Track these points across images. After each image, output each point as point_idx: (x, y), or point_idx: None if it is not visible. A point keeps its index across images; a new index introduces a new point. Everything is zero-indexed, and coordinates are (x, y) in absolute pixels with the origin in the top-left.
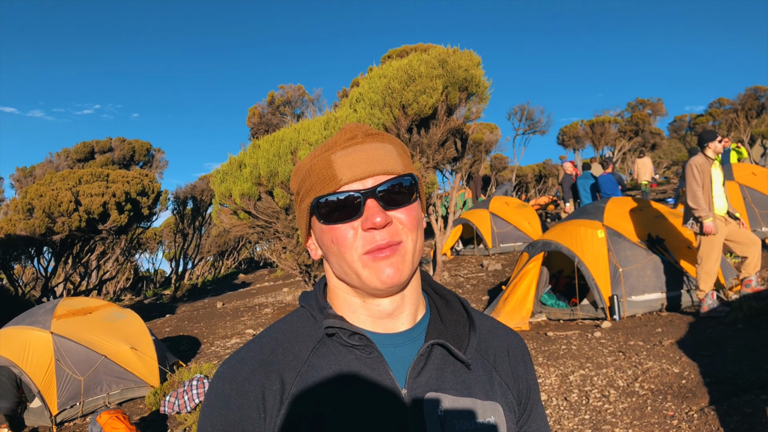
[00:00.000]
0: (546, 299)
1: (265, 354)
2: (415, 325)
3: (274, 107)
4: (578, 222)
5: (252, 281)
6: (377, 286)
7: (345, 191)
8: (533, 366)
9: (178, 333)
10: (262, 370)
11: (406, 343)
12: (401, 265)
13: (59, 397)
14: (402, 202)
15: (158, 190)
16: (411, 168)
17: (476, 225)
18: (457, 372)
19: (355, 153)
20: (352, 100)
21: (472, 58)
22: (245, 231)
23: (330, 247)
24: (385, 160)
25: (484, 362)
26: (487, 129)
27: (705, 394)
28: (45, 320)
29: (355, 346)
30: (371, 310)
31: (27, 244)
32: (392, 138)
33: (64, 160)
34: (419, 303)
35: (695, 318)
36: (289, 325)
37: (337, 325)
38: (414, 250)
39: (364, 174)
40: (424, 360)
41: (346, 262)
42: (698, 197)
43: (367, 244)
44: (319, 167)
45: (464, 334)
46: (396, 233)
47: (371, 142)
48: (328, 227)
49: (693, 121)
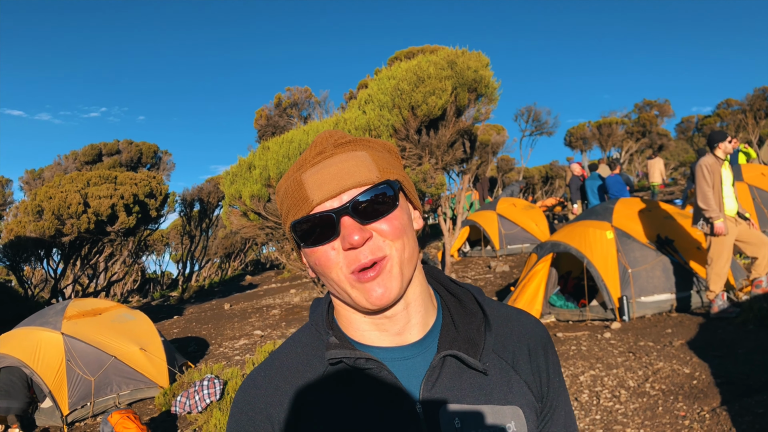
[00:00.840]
0: (555, 300)
1: (278, 379)
2: (426, 334)
3: (281, 109)
4: (587, 223)
5: (259, 283)
6: (367, 306)
7: (318, 212)
8: (555, 353)
9: (186, 334)
10: (275, 397)
11: (418, 355)
12: (389, 282)
13: (70, 397)
14: (382, 212)
15: (166, 192)
16: (390, 172)
17: (483, 227)
18: (473, 379)
19: (324, 169)
20: (361, 102)
21: (481, 59)
22: (255, 232)
23: (316, 268)
24: (357, 171)
25: (501, 363)
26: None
27: (716, 394)
28: (56, 321)
29: (365, 368)
30: (375, 322)
31: (36, 246)
32: (368, 142)
33: (72, 162)
34: (428, 308)
35: (705, 319)
36: (300, 345)
37: (339, 356)
38: (401, 260)
39: (334, 191)
40: (437, 371)
41: (334, 281)
42: (708, 198)
43: (351, 263)
44: (292, 189)
45: (479, 337)
46: (378, 248)
47: (341, 153)
48: (309, 250)
49: (700, 122)
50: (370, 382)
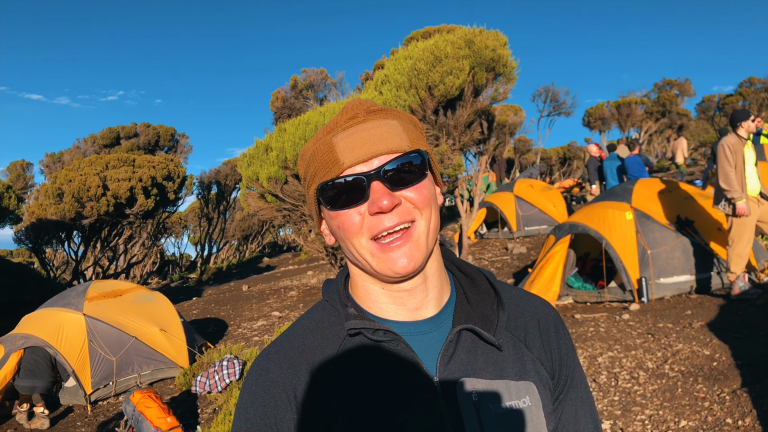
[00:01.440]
0: (573, 282)
1: (293, 353)
2: (441, 309)
3: (297, 91)
4: (606, 204)
5: (276, 265)
6: (390, 275)
7: (348, 175)
8: (567, 333)
9: (205, 315)
10: (291, 370)
11: (434, 330)
12: (415, 252)
13: (93, 376)
14: (411, 180)
15: (183, 175)
16: (420, 143)
17: (500, 208)
18: (488, 354)
19: (357, 133)
20: (378, 83)
21: (499, 38)
22: (272, 214)
23: (338, 233)
24: (389, 138)
25: (514, 340)
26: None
27: (737, 376)
28: (78, 302)
29: (382, 341)
30: (392, 295)
31: (57, 229)
32: (398, 112)
33: (91, 145)
34: (443, 284)
35: (726, 300)
36: (314, 321)
37: (358, 326)
38: (428, 230)
39: (366, 155)
40: (453, 346)
41: (355, 248)
42: (731, 178)
43: (375, 228)
44: (321, 151)
45: (492, 314)
46: (407, 213)
47: (374, 120)
48: (334, 213)
49: (722, 102)
50: (387, 355)
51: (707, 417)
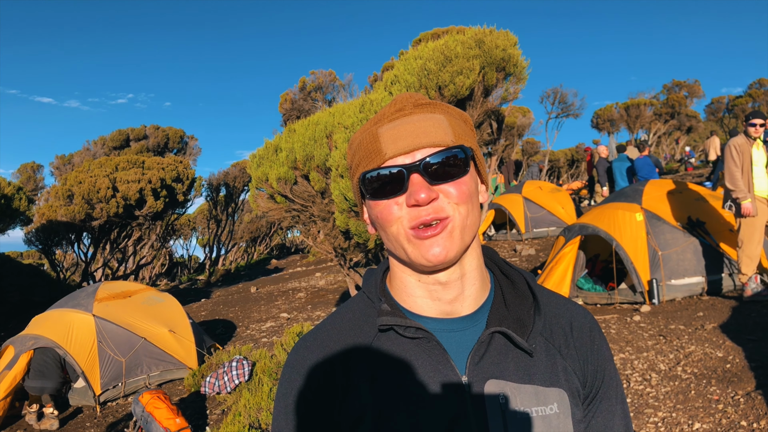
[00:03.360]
0: (583, 283)
1: (330, 343)
2: (477, 309)
3: (306, 93)
4: (616, 205)
5: (285, 266)
6: (423, 263)
7: (390, 166)
8: (605, 342)
9: (213, 317)
10: (326, 359)
11: (467, 329)
12: (448, 243)
13: (102, 377)
14: (452, 175)
15: (192, 177)
16: (466, 139)
17: (509, 210)
18: (519, 359)
19: (401, 125)
20: (387, 83)
21: (509, 38)
22: (281, 215)
23: (377, 222)
24: (433, 132)
25: (548, 346)
26: (520, 112)
27: (751, 378)
28: (87, 303)
29: (414, 337)
30: (428, 288)
31: (67, 230)
32: (447, 107)
33: (100, 147)
34: (483, 284)
35: (738, 302)
36: (351, 312)
37: (390, 323)
38: (464, 225)
39: (408, 147)
40: (485, 347)
41: (393, 235)
42: (736, 178)
43: (412, 219)
44: (366, 141)
45: (528, 319)
46: (441, 209)
47: (420, 113)
48: (374, 202)
49: (731, 103)
50: (418, 351)
51: (721, 419)
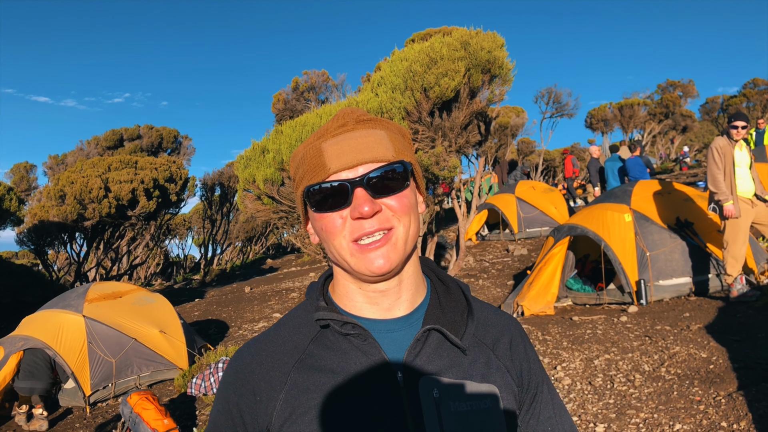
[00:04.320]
0: (572, 284)
1: (268, 344)
2: (413, 310)
3: (299, 93)
4: (605, 206)
5: (279, 266)
6: (366, 274)
7: (334, 180)
8: (533, 348)
9: (206, 317)
10: (263, 359)
11: (403, 329)
12: (392, 254)
13: (92, 378)
14: (393, 189)
15: (186, 177)
16: (405, 153)
17: (502, 210)
18: (454, 356)
19: (345, 141)
20: (374, 84)
21: (496, 40)
22: (269, 216)
23: (321, 234)
24: (375, 148)
25: (482, 346)
26: (514, 112)
27: (733, 379)
28: (77, 304)
29: (350, 334)
30: (368, 295)
31: (60, 230)
32: (386, 123)
33: (94, 147)
34: (418, 288)
35: (724, 302)
36: (293, 317)
37: (327, 317)
38: (406, 237)
39: (352, 162)
40: (420, 344)
41: (336, 248)
42: (718, 180)
43: (355, 231)
44: (310, 155)
45: (461, 321)
46: (386, 220)
47: (362, 129)
48: (318, 215)
49: (726, 103)
50: (354, 349)
51: (702, 420)
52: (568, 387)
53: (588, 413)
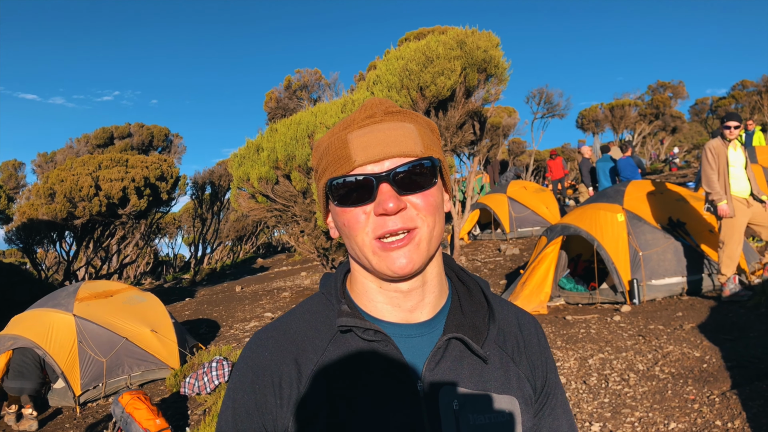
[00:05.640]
0: (564, 283)
1: (286, 342)
2: (435, 315)
3: (291, 92)
4: (598, 206)
5: (270, 266)
6: (388, 274)
7: (358, 174)
8: (550, 352)
9: (197, 316)
10: (281, 358)
11: (425, 334)
12: (414, 254)
13: (82, 378)
14: (420, 186)
15: (177, 175)
16: (434, 149)
17: (494, 209)
18: (474, 365)
19: (372, 133)
20: (369, 83)
21: (491, 39)
22: (263, 215)
23: (342, 229)
24: (403, 142)
25: (501, 354)
26: (505, 112)
27: (727, 378)
28: (67, 303)
29: (372, 341)
30: (389, 295)
31: (49, 229)
32: (416, 116)
33: (84, 145)
34: (442, 290)
35: (717, 302)
36: (309, 313)
37: (350, 324)
38: (430, 237)
39: (378, 156)
40: (441, 353)
41: (357, 245)
42: (712, 180)
43: (378, 228)
44: (335, 146)
45: (483, 325)
46: (410, 219)
47: (390, 121)
48: (341, 209)
49: (715, 104)
50: (375, 355)
51: (696, 419)
52: (563, 386)
53: (583, 412)
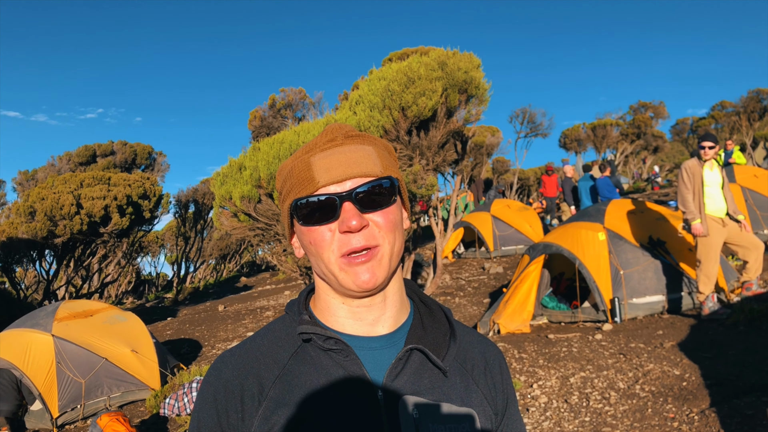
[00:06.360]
0: (547, 302)
1: (248, 359)
2: (396, 329)
3: (275, 110)
4: (579, 224)
5: (254, 284)
6: (353, 288)
7: (322, 194)
8: (510, 375)
9: (179, 336)
10: (243, 374)
11: (386, 347)
12: (377, 270)
13: (60, 399)
14: (380, 204)
15: (160, 194)
16: (392, 170)
17: (478, 228)
18: (434, 378)
19: (334, 155)
20: (352, 103)
21: (472, 61)
22: (245, 233)
23: (309, 248)
24: (364, 163)
25: (462, 370)
26: (489, 132)
27: (706, 396)
28: (46, 323)
29: (332, 350)
30: (351, 310)
31: (29, 247)
32: (374, 139)
33: (66, 163)
34: (402, 307)
35: (696, 320)
36: (272, 331)
37: (310, 331)
38: (391, 253)
39: (341, 176)
40: (402, 364)
41: (324, 262)
42: (687, 200)
43: (343, 246)
44: (298, 169)
45: (444, 343)
46: (372, 237)
47: (351, 144)
48: (306, 228)
49: (695, 124)
50: (336, 365)
51: None
52: (545, 405)
53: (564, 431)
